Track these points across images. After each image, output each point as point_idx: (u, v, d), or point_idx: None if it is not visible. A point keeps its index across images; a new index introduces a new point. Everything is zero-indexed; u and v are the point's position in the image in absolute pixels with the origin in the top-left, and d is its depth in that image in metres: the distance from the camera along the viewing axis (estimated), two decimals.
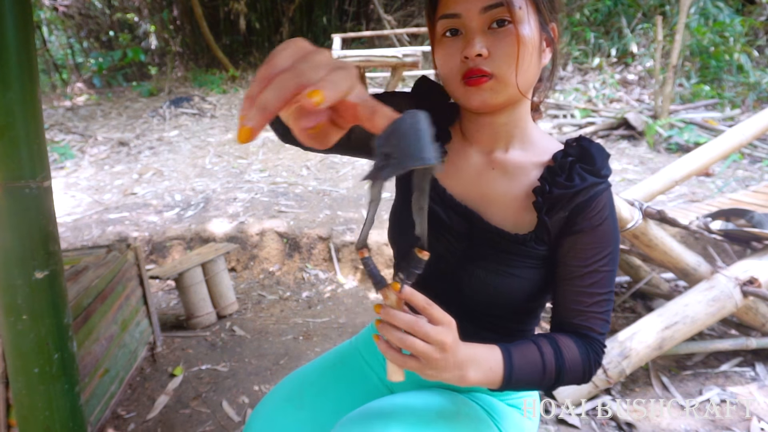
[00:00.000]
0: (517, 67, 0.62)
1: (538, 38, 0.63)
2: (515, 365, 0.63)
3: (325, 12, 7.91)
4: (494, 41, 0.62)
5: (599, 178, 0.66)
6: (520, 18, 0.61)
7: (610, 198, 0.68)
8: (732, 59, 5.06)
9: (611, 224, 0.67)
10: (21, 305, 0.83)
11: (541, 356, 0.65)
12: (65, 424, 0.91)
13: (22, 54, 0.79)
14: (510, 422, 0.81)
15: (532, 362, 0.64)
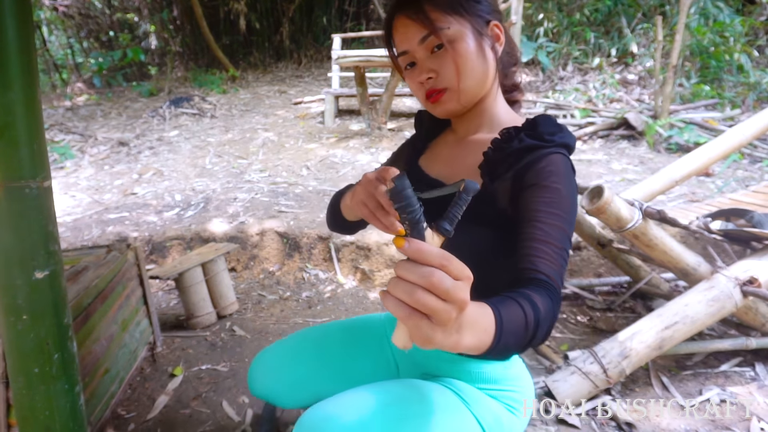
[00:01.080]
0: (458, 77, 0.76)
1: (475, 45, 0.76)
2: (504, 328, 0.57)
3: (325, 12, 7.91)
4: (439, 62, 0.76)
5: (542, 141, 0.74)
6: (452, 37, 0.75)
7: (561, 163, 0.74)
8: (732, 59, 5.06)
9: (562, 186, 0.71)
10: (21, 305, 0.83)
11: (524, 314, 0.60)
12: (65, 423, 0.91)
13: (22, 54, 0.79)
14: (484, 408, 0.82)
15: (516, 321, 0.59)
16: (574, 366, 1.45)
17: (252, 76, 7.34)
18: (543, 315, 0.61)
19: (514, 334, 0.58)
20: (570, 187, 0.73)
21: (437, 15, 0.75)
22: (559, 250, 0.68)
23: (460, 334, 0.50)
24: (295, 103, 5.67)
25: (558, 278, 0.67)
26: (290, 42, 7.79)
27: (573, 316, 2.05)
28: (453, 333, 0.49)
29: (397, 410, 0.75)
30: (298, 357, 1.00)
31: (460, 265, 0.46)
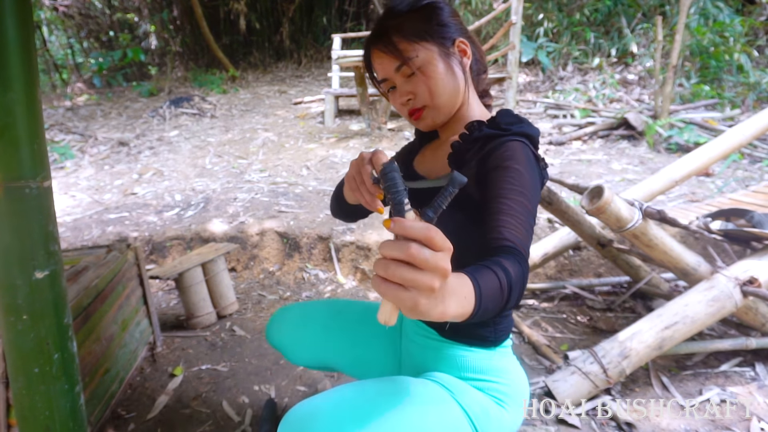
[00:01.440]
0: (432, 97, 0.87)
1: (443, 65, 0.86)
2: (483, 294, 0.60)
3: (325, 12, 7.91)
4: (414, 85, 0.87)
5: (500, 130, 0.84)
6: (421, 63, 0.85)
7: (520, 149, 0.81)
8: (732, 59, 5.06)
9: (521, 167, 0.78)
10: (21, 305, 0.83)
11: (498, 280, 0.63)
12: (65, 423, 0.91)
13: (23, 54, 0.79)
14: (470, 398, 0.85)
15: (493, 287, 0.62)
16: (574, 366, 1.45)
17: (252, 76, 7.34)
18: (515, 279, 0.65)
19: (492, 298, 0.62)
20: (529, 169, 0.79)
21: (406, 46, 0.85)
22: (522, 221, 0.74)
23: (446, 304, 0.52)
24: (295, 103, 5.67)
25: (524, 246, 0.72)
26: (290, 42, 7.79)
27: (573, 316, 2.05)
28: (438, 303, 0.51)
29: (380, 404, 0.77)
30: (315, 320, 1.10)
31: (441, 237, 0.49)
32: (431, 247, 0.48)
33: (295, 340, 1.11)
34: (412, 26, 0.85)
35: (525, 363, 1.69)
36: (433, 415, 0.80)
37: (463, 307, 0.56)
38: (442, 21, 0.87)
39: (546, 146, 4.07)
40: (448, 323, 0.91)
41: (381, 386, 0.82)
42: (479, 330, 0.90)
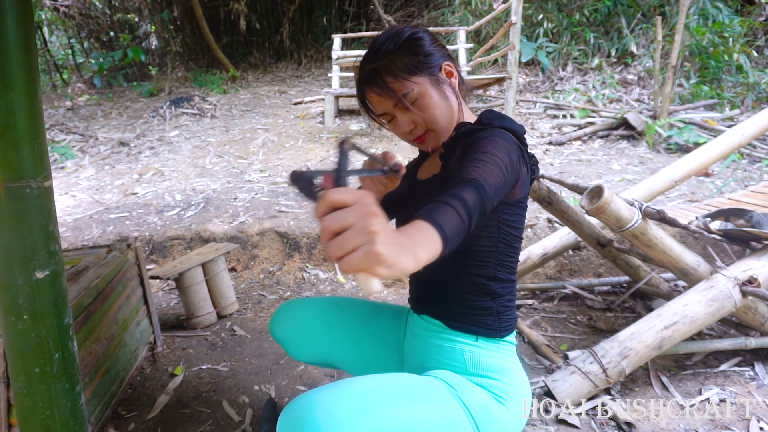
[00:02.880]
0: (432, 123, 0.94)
1: (437, 92, 0.92)
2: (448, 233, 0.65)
3: (325, 12, 7.91)
4: (414, 115, 0.93)
5: (482, 125, 0.90)
6: (416, 96, 0.91)
7: (500, 134, 0.86)
8: (731, 59, 5.06)
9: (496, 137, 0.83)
10: (22, 305, 0.84)
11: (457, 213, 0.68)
12: (66, 423, 0.91)
13: (23, 54, 0.79)
14: (472, 396, 0.87)
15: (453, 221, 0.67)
16: (573, 366, 1.45)
17: (252, 77, 7.35)
18: (472, 206, 0.70)
19: (456, 230, 0.67)
20: (505, 141, 0.84)
21: (398, 84, 0.90)
22: (492, 167, 0.78)
23: (412, 253, 0.55)
24: (295, 103, 5.67)
25: (487, 181, 0.75)
26: (290, 42, 7.79)
27: (573, 315, 2.05)
28: (399, 251, 0.52)
29: (381, 398, 0.78)
30: (319, 316, 1.12)
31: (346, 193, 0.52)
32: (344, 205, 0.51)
33: (299, 334, 1.13)
34: (400, 64, 0.90)
35: (525, 363, 1.70)
36: (435, 412, 0.80)
37: (431, 250, 0.61)
38: (426, 51, 0.92)
39: (546, 146, 4.07)
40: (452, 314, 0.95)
41: (382, 381, 0.83)
42: (484, 318, 0.94)
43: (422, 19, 7.50)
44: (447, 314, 0.96)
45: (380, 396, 0.78)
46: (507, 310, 0.96)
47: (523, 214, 0.95)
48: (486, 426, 0.86)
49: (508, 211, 0.91)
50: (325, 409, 0.72)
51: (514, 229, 0.93)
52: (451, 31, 5.30)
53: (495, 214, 0.90)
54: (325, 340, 1.12)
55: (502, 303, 0.95)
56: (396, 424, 0.75)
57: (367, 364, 1.12)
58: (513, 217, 0.92)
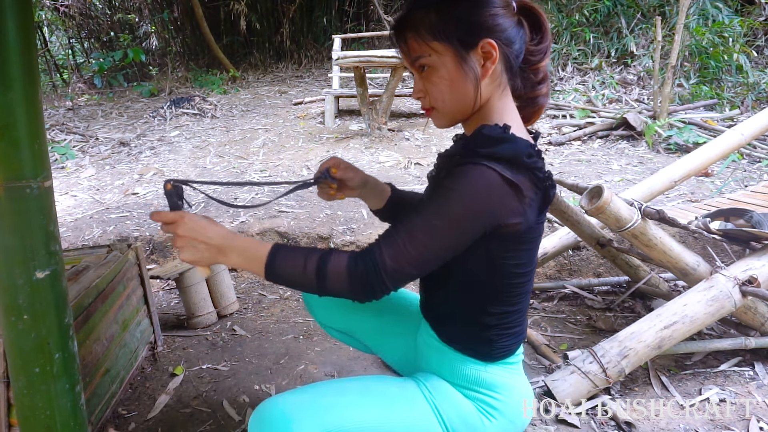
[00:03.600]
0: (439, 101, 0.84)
1: (455, 69, 0.79)
2: (278, 261, 0.79)
3: (326, 13, 7.91)
4: (426, 84, 0.84)
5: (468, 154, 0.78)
6: (431, 64, 0.81)
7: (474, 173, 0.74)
8: (731, 59, 5.06)
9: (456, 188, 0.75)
10: (22, 305, 0.84)
11: (305, 258, 0.79)
12: (66, 423, 0.91)
13: (23, 54, 0.79)
14: (450, 404, 0.88)
15: (294, 261, 0.79)
16: (573, 365, 1.45)
17: (252, 77, 7.35)
18: (330, 269, 0.76)
19: (290, 274, 0.79)
20: (467, 194, 0.74)
21: (418, 44, 0.81)
22: (407, 233, 0.76)
23: (225, 255, 0.82)
24: (295, 104, 5.68)
25: (391, 253, 0.75)
26: (290, 42, 7.79)
27: (572, 315, 2.05)
28: (208, 254, 0.82)
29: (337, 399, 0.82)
30: None
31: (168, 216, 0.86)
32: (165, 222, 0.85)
33: (332, 307, 1.18)
34: (428, 22, 0.78)
35: (525, 363, 1.70)
36: (397, 414, 0.83)
37: (249, 263, 0.81)
38: (466, 18, 0.77)
39: (546, 146, 4.07)
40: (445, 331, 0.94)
41: (346, 384, 0.87)
42: (474, 344, 0.89)
43: None
44: (440, 328, 0.94)
45: (339, 398, 0.82)
46: (501, 339, 0.89)
47: (527, 247, 0.83)
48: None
49: (501, 247, 0.81)
50: (282, 410, 0.78)
51: (515, 265, 0.83)
52: None
53: (483, 252, 0.81)
54: (349, 313, 1.16)
55: (497, 332, 0.88)
56: (352, 424, 0.79)
57: (385, 340, 1.15)
58: (510, 253, 0.81)
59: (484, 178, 0.74)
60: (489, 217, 0.75)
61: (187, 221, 0.82)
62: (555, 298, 2.19)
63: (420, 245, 0.75)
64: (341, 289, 0.77)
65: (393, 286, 0.77)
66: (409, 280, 0.78)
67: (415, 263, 0.76)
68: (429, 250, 0.76)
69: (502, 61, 0.81)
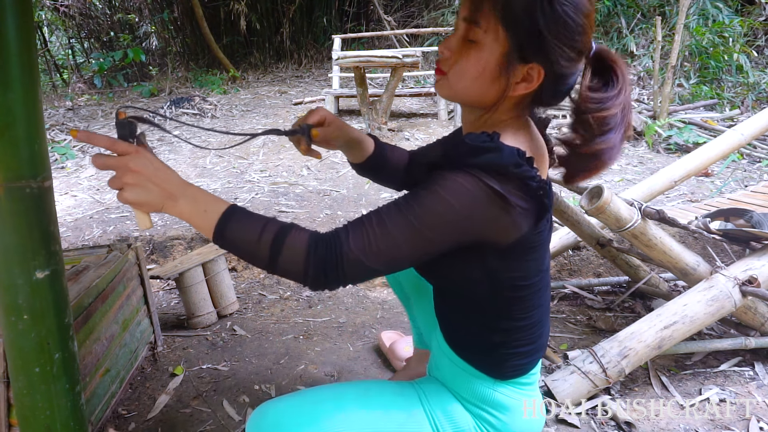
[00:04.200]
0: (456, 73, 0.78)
1: (493, 63, 0.73)
2: (232, 221, 0.71)
3: (326, 13, 7.91)
4: (459, 49, 0.76)
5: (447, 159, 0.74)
6: (479, 38, 0.73)
7: (457, 181, 0.70)
8: (731, 59, 5.06)
9: (439, 189, 0.70)
10: (22, 305, 0.84)
11: (263, 225, 0.72)
12: (66, 423, 0.91)
13: (23, 54, 0.79)
14: (447, 415, 0.86)
15: (250, 226, 0.71)
16: (573, 365, 1.45)
17: (252, 77, 7.35)
18: (288, 243, 0.70)
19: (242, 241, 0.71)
20: (452, 196, 0.69)
21: (488, 16, 0.71)
22: (380, 225, 0.70)
23: (175, 201, 0.72)
24: (295, 104, 5.68)
25: (356, 242, 0.69)
26: (290, 42, 7.79)
27: (572, 315, 2.05)
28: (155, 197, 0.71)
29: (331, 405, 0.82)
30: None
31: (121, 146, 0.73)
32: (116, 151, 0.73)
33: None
34: (514, 8, 0.70)
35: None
36: (391, 422, 0.83)
37: (197, 217, 0.73)
38: (542, 35, 0.70)
39: None
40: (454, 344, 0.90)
41: (343, 389, 0.87)
42: (482, 359, 0.86)
43: (422, 19, 7.50)
44: (451, 341, 0.90)
45: (337, 404, 0.82)
46: (513, 358, 0.85)
47: (525, 258, 0.79)
48: None
49: (494, 260, 0.77)
50: (280, 418, 0.78)
51: (515, 278, 0.80)
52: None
53: (477, 264, 0.78)
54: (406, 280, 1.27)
55: (506, 351, 0.84)
56: (344, 429, 0.79)
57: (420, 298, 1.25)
58: (509, 264, 0.78)
59: (468, 186, 0.70)
60: (469, 228, 0.71)
61: (142, 155, 0.72)
62: (555, 298, 2.19)
63: (391, 241, 0.69)
64: (293, 269, 0.70)
65: (351, 279, 0.71)
66: (369, 277, 0.72)
67: (382, 260, 0.70)
68: (399, 248, 0.70)
69: (536, 92, 0.76)
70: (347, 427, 0.79)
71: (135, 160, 0.71)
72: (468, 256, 0.77)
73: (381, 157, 1.09)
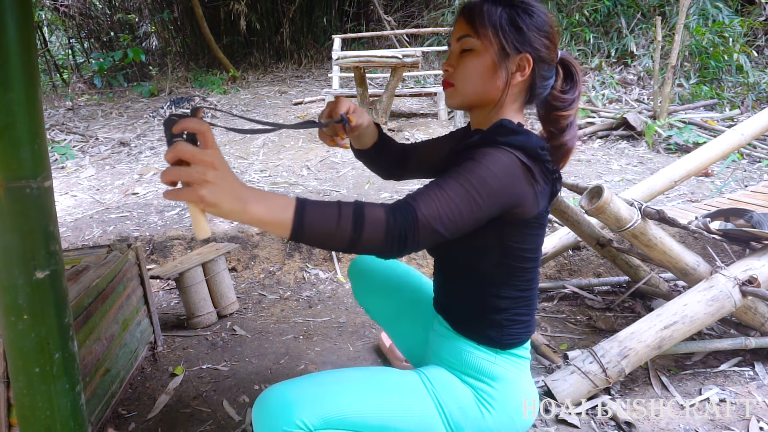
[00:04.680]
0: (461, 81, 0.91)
1: (490, 64, 0.88)
2: (308, 210, 0.68)
3: (326, 13, 7.91)
4: (458, 62, 0.91)
5: (488, 139, 0.85)
6: (474, 47, 0.88)
7: (497, 154, 0.81)
8: (731, 59, 5.06)
9: (485, 161, 0.79)
10: (22, 305, 0.84)
11: (337, 207, 0.71)
12: (66, 423, 0.91)
13: (23, 54, 0.79)
14: (451, 395, 0.91)
15: (326, 211, 0.70)
16: (573, 365, 1.45)
17: (252, 77, 7.34)
18: (368, 220, 0.70)
19: (323, 225, 0.69)
20: (493, 167, 0.79)
21: (475, 27, 0.88)
22: (442, 192, 0.76)
23: (245, 203, 0.64)
24: (295, 104, 5.68)
25: (424, 208, 0.73)
26: (290, 42, 7.79)
27: (572, 315, 2.05)
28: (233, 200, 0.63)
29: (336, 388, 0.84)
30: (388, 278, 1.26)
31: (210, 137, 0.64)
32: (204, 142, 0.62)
33: (369, 285, 1.28)
34: (494, 16, 0.87)
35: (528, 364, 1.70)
36: (396, 404, 0.86)
37: (273, 215, 0.66)
38: (519, 25, 0.87)
39: None
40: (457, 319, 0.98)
41: (348, 374, 0.89)
42: (486, 330, 0.94)
43: (422, 19, 7.50)
44: (453, 318, 0.99)
45: (341, 386, 0.84)
46: (513, 324, 0.95)
47: (536, 233, 0.90)
48: (461, 425, 0.90)
49: (513, 232, 0.87)
50: (284, 398, 0.79)
51: (525, 250, 0.90)
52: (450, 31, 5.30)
53: (496, 235, 0.87)
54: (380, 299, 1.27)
55: (508, 317, 0.94)
56: (353, 412, 0.80)
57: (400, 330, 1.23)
58: (521, 237, 0.88)
59: (508, 158, 0.81)
60: (510, 194, 0.81)
61: (221, 157, 0.65)
62: (555, 298, 2.19)
63: (454, 206, 0.76)
64: (375, 242, 0.71)
65: (422, 244, 0.75)
66: (435, 242, 0.76)
67: (447, 223, 0.75)
68: (460, 213, 0.76)
69: (528, 82, 0.91)
70: (355, 407, 0.81)
71: (220, 158, 0.65)
72: (489, 224, 0.83)
73: (385, 144, 1.15)
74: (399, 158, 1.16)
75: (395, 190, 3.12)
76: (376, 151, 1.13)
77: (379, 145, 1.13)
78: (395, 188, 3.15)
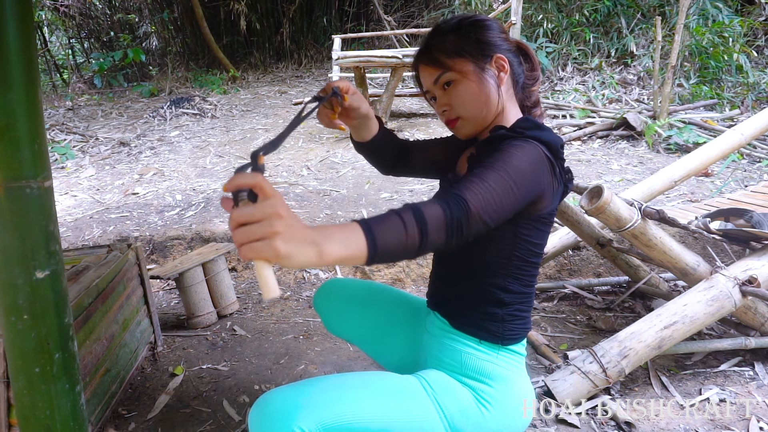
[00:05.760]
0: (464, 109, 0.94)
1: (477, 80, 0.91)
2: (376, 231, 0.66)
3: (326, 13, 7.91)
4: (450, 97, 0.94)
5: (513, 132, 0.88)
6: (456, 76, 0.92)
7: (527, 145, 0.84)
8: (731, 59, 5.06)
9: (516, 151, 0.82)
10: (22, 305, 0.84)
11: (399, 218, 0.69)
12: (66, 423, 0.91)
13: (23, 54, 0.79)
14: (451, 398, 0.90)
15: (391, 224, 0.68)
16: (573, 365, 1.45)
17: (252, 77, 7.35)
18: (429, 219, 0.70)
19: (394, 240, 0.67)
20: (524, 157, 0.82)
21: (444, 59, 0.92)
22: (485, 183, 0.76)
23: (319, 246, 0.60)
24: (295, 104, 5.68)
25: (473, 198, 0.74)
26: (290, 42, 7.79)
27: (572, 315, 2.05)
28: (305, 245, 0.59)
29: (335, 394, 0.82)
30: (356, 298, 1.21)
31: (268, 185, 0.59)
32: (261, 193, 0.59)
33: (337, 312, 1.23)
34: (451, 43, 0.92)
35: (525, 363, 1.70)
36: (396, 409, 0.84)
37: (350, 249, 0.63)
38: (481, 38, 0.92)
39: None
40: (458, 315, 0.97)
41: (347, 379, 0.88)
42: (487, 324, 0.95)
43: (422, 19, 7.50)
44: (453, 314, 0.99)
45: (341, 392, 0.83)
46: (514, 320, 0.95)
47: (545, 230, 0.92)
48: (462, 428, 0.89)
49: (527, 225, 0.89)
50: (283, 404, 0.78)
51: (533, 245, 0.91)
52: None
53: (511, 227, 0.89)
54: (353, 323, 1.20)
55: (510, 312, 0.95)
56: (353, 418, 0.80)
57: (384, 349, 1.18)
58: (532, 232, 0.90)
59: (535, 150, 0.84)
60: (539, 184, 0.84)
61: (283, 203, 0.59)
62: (555, 298, 2.19)
63: (497, 196, 0.77)
64: (439, 240, 0.72)
65: (472, 233, 0.75)
66: (482, 231, 0.76)
67: (492, 213, 0.76)
68: (501, 202, 0.77)
69: (510, 75, 0.95)
70: (355, 413, 0.80)
71: (282, 205, 0.58)
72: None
73: (386, 137, 1.15)
74: (400, 153, 1.15)
75: (395, 190, 3.12)
76: (377, 144, 1.12)
77: (380, 138, 1.12)
78: (395, 188, 3.15)
